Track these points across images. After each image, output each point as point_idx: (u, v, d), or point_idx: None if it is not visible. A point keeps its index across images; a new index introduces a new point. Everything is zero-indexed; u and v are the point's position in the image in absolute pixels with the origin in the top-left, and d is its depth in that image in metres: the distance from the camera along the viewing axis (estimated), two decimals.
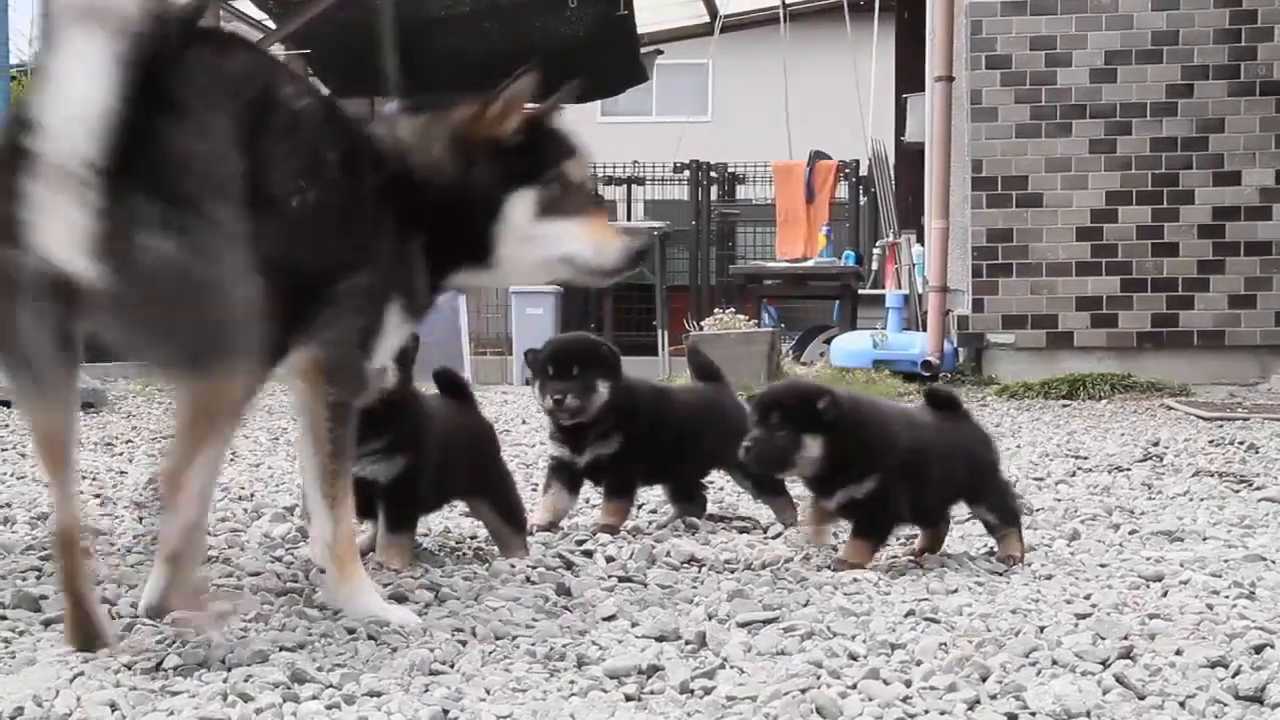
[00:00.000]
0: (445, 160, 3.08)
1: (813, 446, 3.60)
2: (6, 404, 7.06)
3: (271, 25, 19.61)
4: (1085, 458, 6.24)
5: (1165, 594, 3.36)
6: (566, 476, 4.25)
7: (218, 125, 2.60)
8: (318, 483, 2.99)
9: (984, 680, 2.57)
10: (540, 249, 3.15)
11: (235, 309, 2.56)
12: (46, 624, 2.81)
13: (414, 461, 3.54)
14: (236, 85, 2.71)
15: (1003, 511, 3.88)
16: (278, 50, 20.08)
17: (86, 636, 2.69)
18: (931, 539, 3.91)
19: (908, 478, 3.68)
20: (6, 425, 6.86)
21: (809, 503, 3.84)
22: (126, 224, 2.41)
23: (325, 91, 3.27)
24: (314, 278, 2.90)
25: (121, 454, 6.21)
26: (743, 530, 4.37)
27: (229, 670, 2.60)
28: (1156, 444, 6.72)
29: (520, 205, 3.10)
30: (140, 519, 4.46)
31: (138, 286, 2.46)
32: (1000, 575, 3.63)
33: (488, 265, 3.16)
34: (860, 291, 15.28)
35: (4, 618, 2.95)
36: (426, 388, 3.76)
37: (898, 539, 3.96)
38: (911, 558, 3.83)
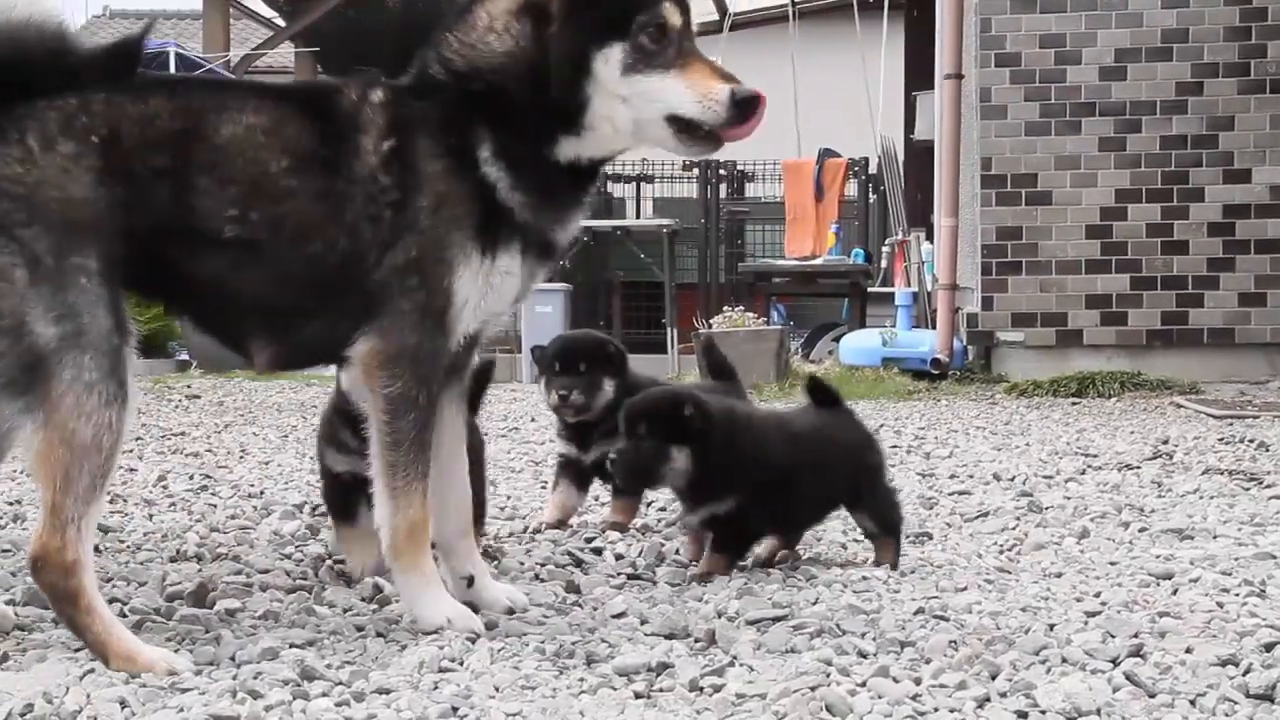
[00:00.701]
0: (516, 30, 2.90)
1: (679, 458, 3.44)
2: None
3: (281, 23, 19.63)
4: (1095, 455, 6.23)
5: (1175, 592, 3.35)
6: (574, 474, 4.25)
7: None
8: (378, 473, 2.93)
9: (994, 678, 2.57)
10: (636, 108, 2.89)
11: None
12: (57, 621, 2.81)
13: None
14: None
15: (882, 520, 3.74)
16: (287, 47, 20.14)
17: None
18: (787, 542, 3.81)
19: (777, 493, 3.54)
20: None
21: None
22: None
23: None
24: (343, 268, 2.84)
25: (131, 451, 6.21)
26: None
27: (238, 667, 2.60)
28: (1166, 442, 6.71)
29: (608, 63, 2.86)
30: (149, 516, 4.47)
31: None
32: (1009, 573, 3.63)
33: (580, 133, 2.91)
34: (869, 289, 15.26)
35: (15, 614, 2.96)
36: None
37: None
38: (770, 568, 3.69)
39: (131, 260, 2.73)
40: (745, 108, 2.87)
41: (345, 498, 3.44)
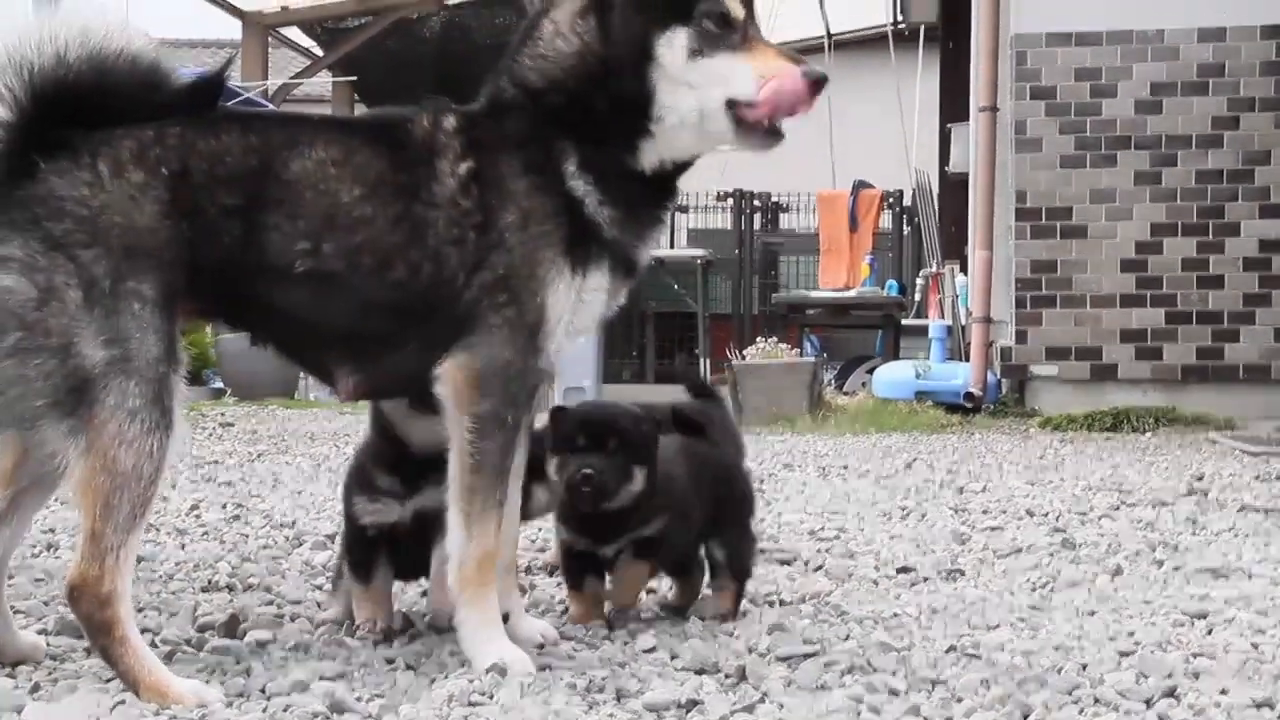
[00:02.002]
0: (582, 28, 2.92)
1: (639, 478, 3.21)
2: None
3: (319, 52, 19.77)
4: (1129, 492, 6.19)
5: (1210, 632, 3.33)
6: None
7: None
8: (455, 497, 2.88)
9: (1026, 718, 2.55)
10: (704, 96, 2.89)
11: None
12: (89, 651, 2.82)
13: None
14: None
15: (730, 559, 3.50)
16: (325, 76, 20.27)
17: None
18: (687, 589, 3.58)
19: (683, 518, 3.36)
20: None
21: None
22: None
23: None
24: (428, 293, 2.83)
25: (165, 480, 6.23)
26: (784, 563, 4.35)
27: (269, 699, 2.61)
28: (1201, 478, 6.66)
29: (671, 46, 2.87)
30: (182, 545, 4.49)
31: None
32: (1042, 611, 3.61)
33: (651, 129, 2.90)
34: (903, 322, 15.23)
35: (46, 644, 2.97)
36: None
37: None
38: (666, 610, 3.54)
39: (207, 293, 2.76)
40: (818, 88, 2.88)
41: (366, 554, 3.26)
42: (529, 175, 2.88)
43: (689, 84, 2.89)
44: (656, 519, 3.29)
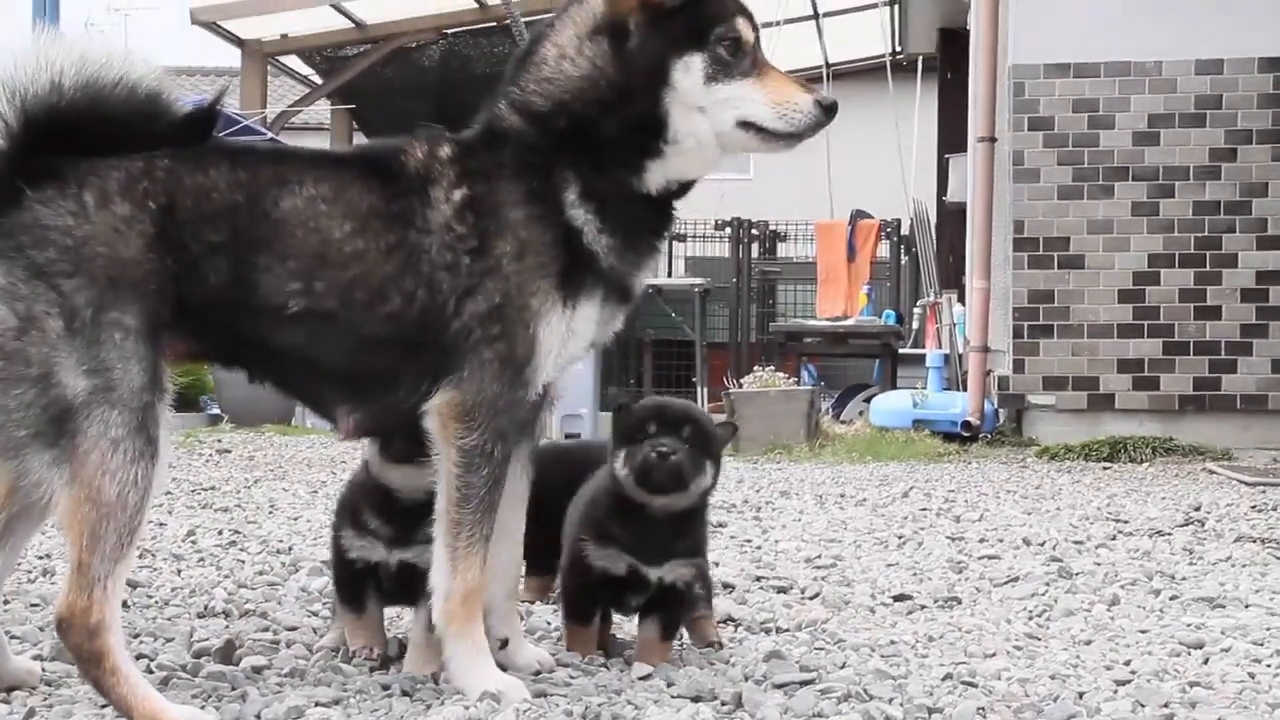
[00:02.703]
0: (591, 51, 2.92)
1: (709, 473, 3.14)
2: None
3: (318, 80, 19.81)
4: (1126, 521, 6.19)
5: (1206, 661, 3.33)
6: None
7: None
8: (441, 531, 2.87)
9: None
10: (716, 119, 2.92)
11: None
12: (83, 678, 2.81)
13: None
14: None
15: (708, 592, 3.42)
16: (324, 104, 20.31)
17: None
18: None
19: None
20: None
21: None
22: None
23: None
24: (421, 321, 2.81)
25: (160, 506, 6.24)
26: (780, 590, 4.34)
27: None
28: (1198, 508, 6.66)
29: (688, 72, 2.89)
30: (178, 571, 4.48)
31: None
32: (1038, 640, 3.60)
33: (663, 150, 2.91)
34: (901, 351, 15.25)
35: (42, 670, 2.96)
36: None
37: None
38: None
39: (198, 332, 2.75)
40: (832, 113, 2.95)
41: (355, 585, 3.24)
42: (527, 204, 2.88)
43: (702, 108, 2.92)
44: (701, 551, 3.25)
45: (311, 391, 2.99)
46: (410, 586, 3.11)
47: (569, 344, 2.92)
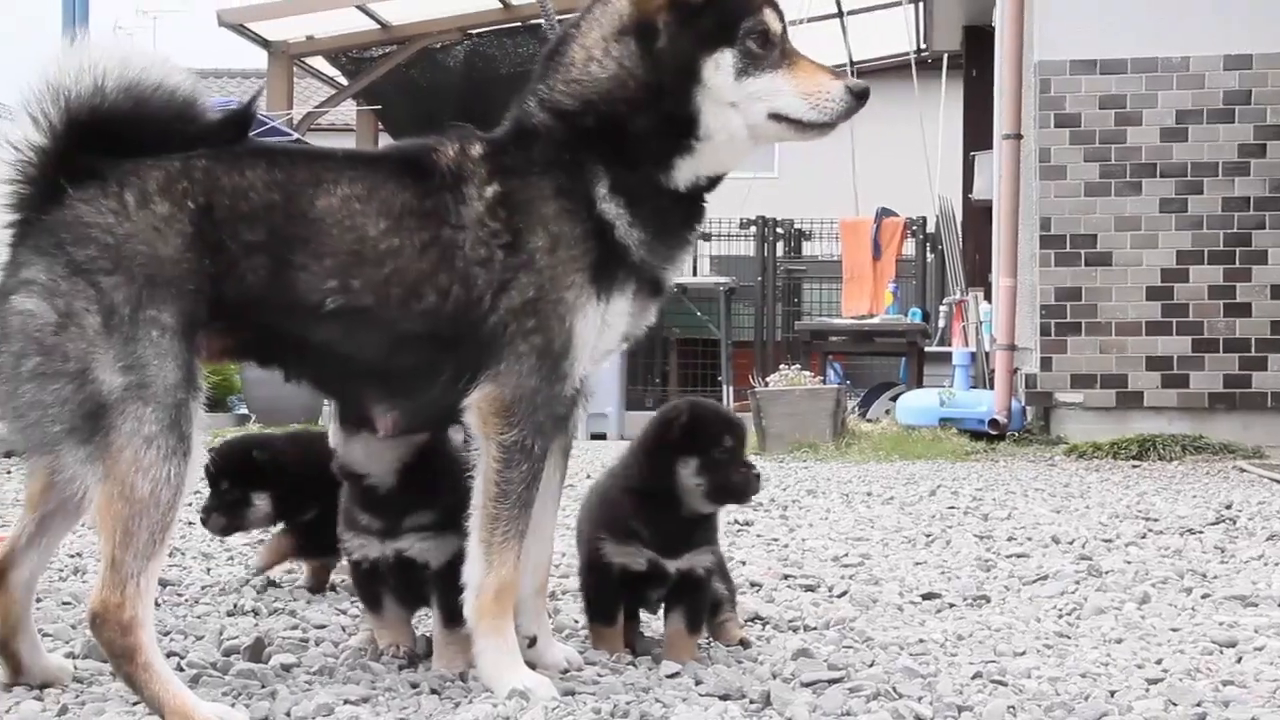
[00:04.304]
0: (619, 52, 2.93)
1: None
2: None
3: (344, 81, 19.87)
4: (1156, 520, 6.16)
5: (1239, 660, 3.30)
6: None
7: None
8: (477, 525, 2.87)
9: None
10: (748, 112, 2.93)
11: None
12: (115, 675, 2.82)
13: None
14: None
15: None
16: (349, 105, 20.37)
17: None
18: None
19: None
20: None
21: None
22: None
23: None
24: (457, 317, 2.82)
25: (191, 505, 6.25)
26: (808, 589, 4.33)
27: None
28: (1229, 507, 6.62)
29: (719, 69, 2.90)
30: (208, 570, 4.49)
31: None
32: (1068, 638, 3.59)
33: (694, 146, 2.93)
34: (927, 349, 15.22)
35: (74, 667, 2.97)
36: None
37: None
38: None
39: (235, 330, 2.77)
40: (863, 99, 2.95)
41: (367, 585, 3.24)
42: (558, 199, 2.88)
43: (734, 103, 2.92)
44: (715, 539, 3.28)
45: (348, 389, 2.99)
46: (413, 580, 3.12)
47: (603, 336, 2.93)
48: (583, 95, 2.95)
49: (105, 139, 2.67)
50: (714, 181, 3.03)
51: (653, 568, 3.17)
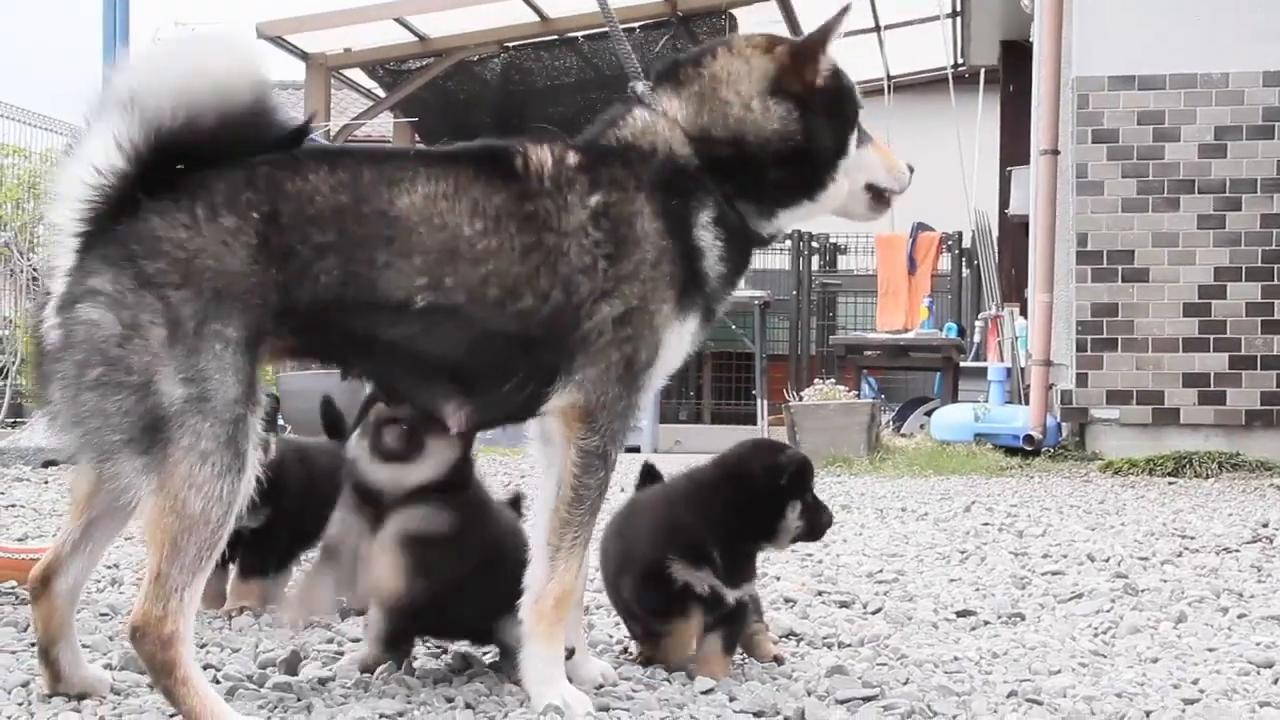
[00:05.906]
0: (775, 111, 3.04)
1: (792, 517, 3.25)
2: None
3: (381, 93, 19.96)
4: (1192, 538, 6.13)
5: (1276, 681, 3.29)
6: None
7: None
8: (545, 529, 2.89)
9: None
10: (855, 180, 3.17)
11: None
12: (152, 687, 2.84)
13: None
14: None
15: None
16: (386, 116, 20.46)
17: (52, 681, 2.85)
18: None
19: None
20: None
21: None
22: None
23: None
24: (550, 321, 2.84)
25: None
26: (842, 605, 4.33)
27: None
28: (1266, 525, 6.58)
29: (855, 140, 3.15)
30: None
31: None
32: (1104, 657, 3.57)
33: (804, 204, 3.13)
34: (962, 364, 15.18)
35: (112, 679, 2.99)
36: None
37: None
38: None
39: (300, 331, 2.76)
40: (912, 173, 3.30)
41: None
42: (663, 219, 2.94)
43: (848, 173, 3.14)
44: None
45: (418, 385, 2.97)
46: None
47: (677, 353, 3.00)
48: (739, 133, 3.04)
49: (186, 156, 2.68)
50: (784, 234, 3.20)
51: (712, 594, 3.17)
